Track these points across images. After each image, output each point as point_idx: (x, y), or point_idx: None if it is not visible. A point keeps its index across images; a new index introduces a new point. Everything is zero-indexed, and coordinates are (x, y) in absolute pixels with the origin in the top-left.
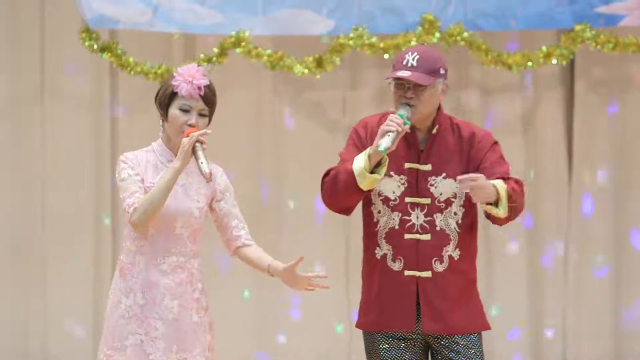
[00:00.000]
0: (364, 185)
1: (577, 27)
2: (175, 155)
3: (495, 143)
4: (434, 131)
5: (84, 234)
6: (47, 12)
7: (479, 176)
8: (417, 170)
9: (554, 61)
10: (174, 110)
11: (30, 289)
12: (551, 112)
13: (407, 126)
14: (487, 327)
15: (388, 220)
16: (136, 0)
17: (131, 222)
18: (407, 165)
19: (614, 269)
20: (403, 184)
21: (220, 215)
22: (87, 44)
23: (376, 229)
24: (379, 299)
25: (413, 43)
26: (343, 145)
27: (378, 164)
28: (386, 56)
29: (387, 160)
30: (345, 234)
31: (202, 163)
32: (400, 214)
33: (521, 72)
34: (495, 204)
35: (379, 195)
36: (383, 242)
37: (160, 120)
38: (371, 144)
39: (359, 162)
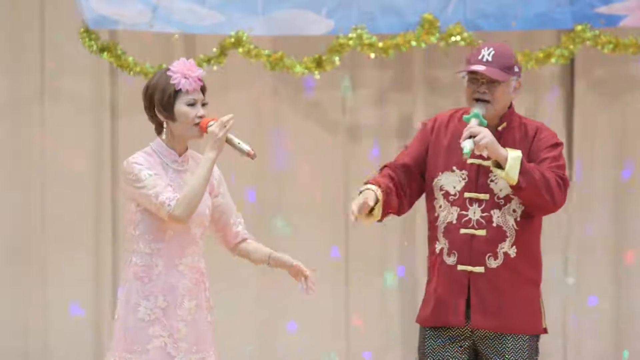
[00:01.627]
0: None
1: (578, 28)
2: (178, 154)
3: (558, 144)
4: (500, 128)
5: (84, 234)
6: (47, 12)
7: (480, 130)
8: (479, 165)
9: (554, 61)
10: (181, 108)
11: (30, 288)
12: (551, 112)
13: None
14: (541, 331)
15: (447, 214)
16: (136, 1)
17: (174, 215)
18: (470, 160)
19: (614, 269)
20: (464, 179)
21: (219, 211)
22: (87, 44)
23: (437, 223)
24: (435, 294)
25: (413, 43)
26: (343, 145)
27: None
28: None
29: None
30: (345, 235)
31: (239, 143)
32: (458, 209)
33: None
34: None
35: (441, 189)
36: (441, 236)
37: (164, 123)
38: (437, 138)
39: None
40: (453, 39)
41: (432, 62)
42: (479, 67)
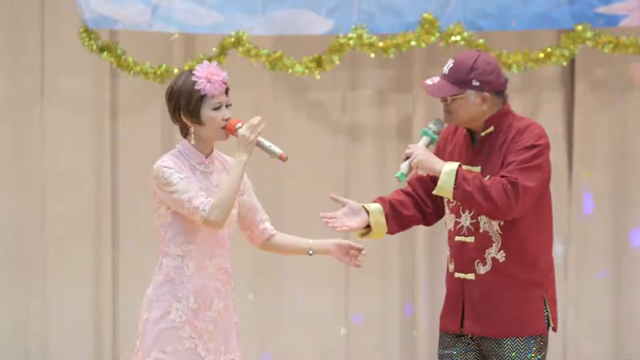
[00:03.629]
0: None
1: (578, 28)
2: (204, 155)
3: (535, 146)
4: (484, 133)
5: (84, 234)
6: (47, 12)
7: (413, 150)
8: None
9: (554, 61)
10: (207, 112)
11: (30, 289)
12: (551, 112)
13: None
14: (542, 331)
15: (449, 222)
16: (135, 1)
17: (209, 220)
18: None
19: (614, 269)
20: None
21: (244, 210)
22: (86, 44)
23: (445, 231)
24: (445, 300)
25: (413, 43)
26: (343, 145)
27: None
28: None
29: (376, 226)
30: (346, 235)
31: (270, 146)
32: (454, 216)
33: (521, 72)
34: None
35: (444, 197)
36: (447, 244)
37: (191, 127)
38: (444, 147)
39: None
40: (453, 38)
41: (432, 62)
42: (429, 81)
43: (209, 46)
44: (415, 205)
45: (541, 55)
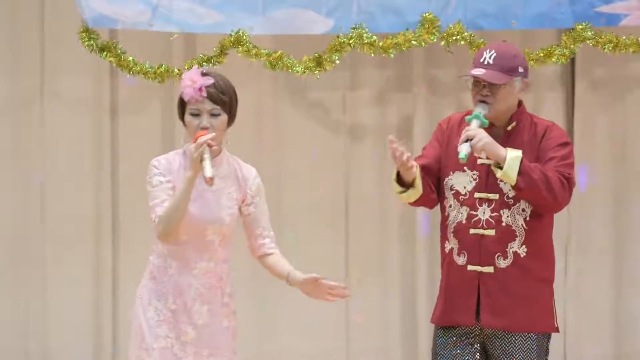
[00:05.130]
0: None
1: (578, 27)
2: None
3: (567, 143)
4: (509, 128)
5: (84, 234)
6: (47, 12)
7: (477, 132)
8: (490, 165)
9: (554, 61)
10: (187, 117)
11: (30, 289)
12: (551, 112)
13: (485, 125)
14: (552, 330)
15: (457, 214)
16: (136, 0)
17: (157, 232)
18: (480, 160)
19: (614, 269)
20: (475, 179)
21: (247, 220)
22: (86, 43)
23: (447, 223)
24: (444, 293)
25: (413, 43)
26: (343, 145)
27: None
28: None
29: (418, 184)
30: (346, 235)
31: (204, 167)
32: (468, 209)
33: None
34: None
35: (451, 189)
36: (451, 236)
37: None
38: (449, 139)
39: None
40: (453, 38)
41: (433, 62)
42: (478, 72)
43: (209, 46)
44: (425, 187)
45: (541, 54)
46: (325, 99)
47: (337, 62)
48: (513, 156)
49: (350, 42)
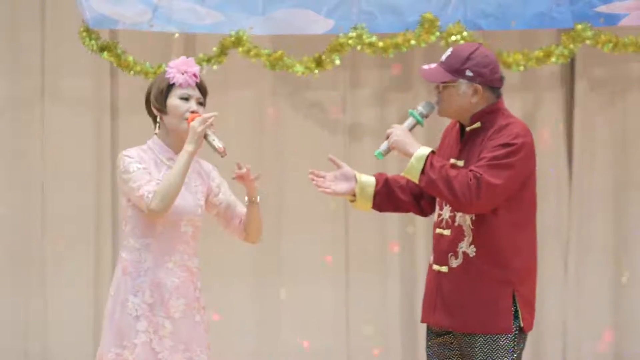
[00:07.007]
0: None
1: (578, 27)
2: (175, 152)
3: (509, 144)
4: (469, 129)
5: (84, 234)
6: (47, 12)
7: (394, 130)
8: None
9: (554, 60)
10: (173, 101)
11: (31, 289)
12: (551, 112)
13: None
14: (507, 331)
15: (434, 214)
16: (136, 0)
17: (151, 208)
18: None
19: (614, 269)
20: None
21: (222, 208)
22: (87, 43)
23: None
24: (424, 291)
25: (413, 43)
26: (343, 144)
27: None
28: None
29: (367, 194)
30: (345, 235)
31: (213, 140)
32: (438, 208)
33: (521, 72)
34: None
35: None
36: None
37: (158, 117)
38: (442, 141)
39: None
40: (453, 38)
41: (432, 62)
42: (424, 67)
43: (209, 46)
44: (412, 193)
45: (541, 54)
46: (325, 98)
47: (337, 62)
48: (418, 155)
49: (350, 42)
